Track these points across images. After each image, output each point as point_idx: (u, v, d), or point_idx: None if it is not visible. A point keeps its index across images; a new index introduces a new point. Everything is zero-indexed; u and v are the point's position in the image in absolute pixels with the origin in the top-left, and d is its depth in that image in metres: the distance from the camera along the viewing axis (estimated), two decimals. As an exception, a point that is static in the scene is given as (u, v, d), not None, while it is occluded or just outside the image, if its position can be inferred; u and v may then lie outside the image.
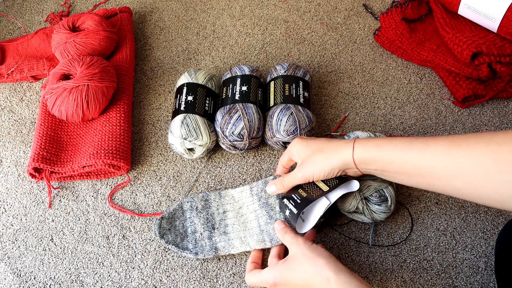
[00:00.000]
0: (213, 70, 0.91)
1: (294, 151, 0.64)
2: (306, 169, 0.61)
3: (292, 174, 0.63)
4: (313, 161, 0.61)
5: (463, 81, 0.81)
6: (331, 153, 0.59)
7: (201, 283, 0.67)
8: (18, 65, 0.89)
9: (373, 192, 0.66)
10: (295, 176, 0.63)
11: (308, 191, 0.63)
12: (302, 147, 0.62)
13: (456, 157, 0.50)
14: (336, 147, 0.59)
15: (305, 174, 0.61)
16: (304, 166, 0.61)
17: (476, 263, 0.67)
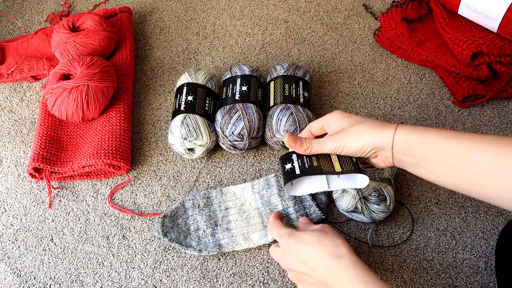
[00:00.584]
0: (213, 70, 0.91)
1: (331, 121, 0.59)
2: (338, 139, 0.57)
3: (322, 141, 0.58)
4: (349, 133, 0.56)
5: (463, 81, 0.81)
6: (370, 129, 0.55)
7: (201, 283, 0.67)
8: (18, 65, 0.89)
9: (372, 192, 0.66)
10: (325, 145, 0.58)
11: (321, 162, 0.60)
12: (342, 118, 0.58)
13: (508, 156, 0.47)
14: (377, 124, 0.56)
15: (336, 144, 0.57)
16: (338, 136, 0.57)
17: (476, 263, 0.67)
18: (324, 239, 0.55)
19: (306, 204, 0.70)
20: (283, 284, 0.66)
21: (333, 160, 0.60)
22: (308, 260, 0.55)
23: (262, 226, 0.69)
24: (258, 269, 0.67)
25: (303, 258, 0.55)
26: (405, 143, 0.54)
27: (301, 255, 0.55)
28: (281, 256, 0.59)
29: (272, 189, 0.72)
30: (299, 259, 0.56)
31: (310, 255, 0.55)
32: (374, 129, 0.55)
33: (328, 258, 0.53)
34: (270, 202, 0.71)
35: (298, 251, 0.56)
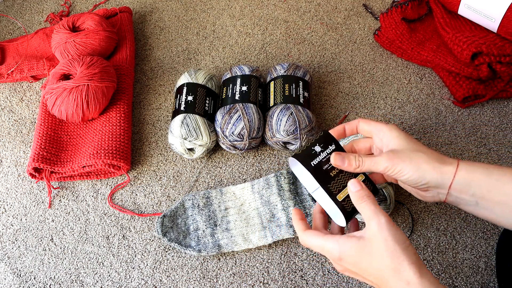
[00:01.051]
0: (213, 70, 0.91)
1: (387, 134, 0.53)
2: (397, 162, 0.51)
3: (376, 160, 0.52)
4: (407, 159, 0.51)
5: (463, 81, 0.81)
6: (431, 163, 0.50)
7: (201, 283, 0.67)
8: (18, 65, 0.89)
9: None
10: (379, 164, 0.52)
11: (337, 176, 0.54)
12: (402, 136, 0.53)
13: None
14: (438, 158, 0.51)
15: (394, 166, 0.51)
16: (394, 157, 0.51)
17: (476, 263, 0.67)
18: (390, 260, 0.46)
19: (306, 204, 0.70)
20: (283, 284, 0.66)
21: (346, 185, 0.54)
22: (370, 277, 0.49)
23: (261, 226, 0.69)
24: (258, 269, 0.67)
25: (365, 275, 0.49)
26: (466, 182, 0.50)
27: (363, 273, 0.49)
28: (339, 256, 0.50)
29: (272, 188, 0.72)
30: (358, 274, 0.50)
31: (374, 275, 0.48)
32: (434, 164, 0.50)
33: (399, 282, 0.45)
34: (269, 202, 0.71)
35: (357, 268, 0.49)
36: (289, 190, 0.71)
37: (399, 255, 0.45)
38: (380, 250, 0.46)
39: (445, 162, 0.50)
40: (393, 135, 0.53)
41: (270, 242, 0.68)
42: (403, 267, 0.45)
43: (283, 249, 0.69)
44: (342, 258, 0.49)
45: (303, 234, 0.52)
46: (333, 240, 0.49)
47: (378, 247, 0.46)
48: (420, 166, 0.50)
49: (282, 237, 0.68)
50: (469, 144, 0.78)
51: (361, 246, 0.47)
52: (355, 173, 0.54)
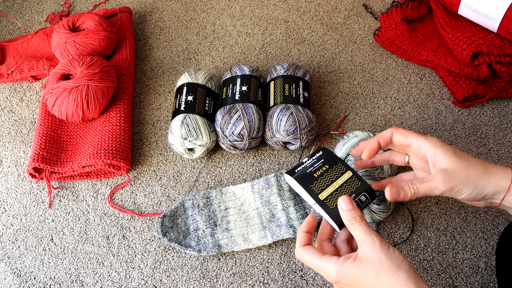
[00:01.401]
0: (213, 70, 0.91)
1: (432, 152, 0.52)
2: (456, 184, 0.50)
3: (432, 185, 0.51)
4: (466, 178, 0.50)
5: (463, 81, 0.81)
6: (486, 174, 0.50)
7: (201, 283, 0.67)
8: (18, 65, 0.89)
9: None
10: (436, 188, 0.51)
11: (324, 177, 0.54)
12: (448, 152, 0.51)
13: None
14: (489, 168, 0.50)
15: (451, 190, 0.50)
16: (453, 178, 0.50)
17: (476, 263, 0.67)
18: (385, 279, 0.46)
19: (306, 204, 0.70)
20: (283, 284, 0.66)
21: (333, 185, 0.54)
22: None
23: (261, 226, 0.69)
24: (258, 269, 0.67)
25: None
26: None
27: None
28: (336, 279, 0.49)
29: (272, 188, 0.72)
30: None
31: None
32: (490, 178, 0.50)
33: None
34: (269, 202, 0.71)
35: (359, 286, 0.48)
36: (289, 190, 0.71)
37: (395, 273, 0.45)
38: (375, 270, 0.46)
39: (500, 175, 0.50)
40: (442, 152, 0.51)
41: (270, 242, 0.68)
42: (399, 284, 0.45)
43: (283, 249, 0.69)
44: (339, 280, 0.49)
45: (301, 250, 0.52)
46: (331, 263, 0.49)
47: (373, 267, 0.46)
48: (478, 183, 0.50)
49: (282, 237, 0.68)
50: (469, 144, 0.78)
51: (356, 268, 0.47)
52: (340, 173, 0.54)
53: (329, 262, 0.49)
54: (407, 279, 0.45)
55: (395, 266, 0.46)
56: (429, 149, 0.52)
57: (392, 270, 0.46)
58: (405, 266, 0.46)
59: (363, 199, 0.54)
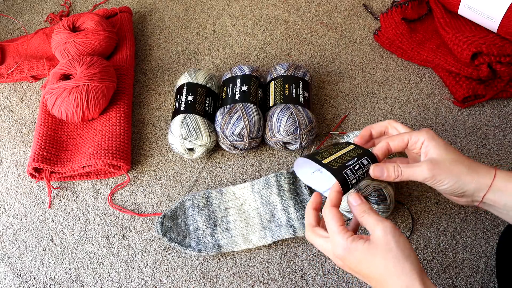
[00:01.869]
0: (213, 70, 0.91)
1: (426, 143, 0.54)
2: (439, 173, 0.52)
3: (416, 169, 0.53)
4: (448, 170, 0.52)
5: (463, 81, 0.81)
6: (470, 173, 0.52)
7: (201, 283, 0.67)
8: (18, 65, 0.89)
9: (372, 192, 0.66)
10: (420, 174, 0.53)
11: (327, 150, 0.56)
12: (439, 145, 0.53)
13: None
14: (475, 167, 0.52)
15: (435, 177, 0.52)
16: (437, 167, 0.52)
17: (476, 263, 0.67)
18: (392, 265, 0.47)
19: (306, 204, 0.70)
20: (283, 284, 0.66)
21: (335, 154, 0.55)
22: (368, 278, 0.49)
23: (261, 226, 0.69)
24: (258, 269, 0.67)
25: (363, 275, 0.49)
26: (500, 192, 0.51)
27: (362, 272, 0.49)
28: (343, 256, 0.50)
29: (272, 188, 0.72)
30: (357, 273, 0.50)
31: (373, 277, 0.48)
32: (473, 175, 0.52)
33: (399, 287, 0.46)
34: (269, 202, 0.71)
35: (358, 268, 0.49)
36: (289, 190, 0.71)
37: (401, 262, 0.46)
38: (383, 254, 0.47)
39: (483, 173, 0.52)
40: (432, 144, 0.53)
41: (270, 242, 0.68)
42: (404, 273, 0.45)
43: (283, 249, 0.69)
44: (345, 257, 0.49)
45: (308, 229, 0.53)
46: (342, 236, 0.49)
47: (382, 251, 0.47)
48: (459, 177, 0.52)
49: (282, 237, 0.68)
50: (469, 144, 0.78)
51: (365, 249, 0.48)
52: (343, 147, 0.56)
53: (343, 235, 0.49)
54: (412, 271, 0.45)
55: (404, 255, 0.46)
56: (424, 141, 0.54)
57: (399, 258, 0.46)
58: (412, 258, 0.46)
59: (365, 163, 0.55)
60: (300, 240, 0.69)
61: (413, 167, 0.53)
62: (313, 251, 0.69)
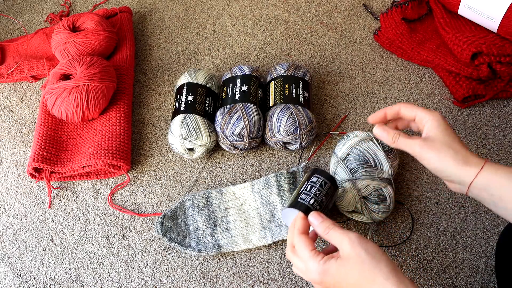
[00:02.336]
0: (213, 70, 0.91)
1: (430, 122, 0.56)
2: (426, 151, 0.54)
3: (409, 142, 0.56)
4: (436, 149, 0.54)
5: (463, 81, 0.81)
6: (456, 160, 0.53)
7: (201, 283, 0.67)
8: (18, 65, 0.89)
9: (372, 192, 0.66)
10: (411, 147, 0.55)
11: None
12: (440, 126, 0.55)
13: None
14: (465, 156, 0.53)
15: (422, 154, 0.54)
16: (427, 146, 0.54)
17: (476, 263, 0.67)
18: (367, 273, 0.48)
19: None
20: (283, 284, 0.66)
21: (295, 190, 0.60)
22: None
23: (261, 226, 0.69)
24: (258, 269, 0.68)
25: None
26: (487, 183, 0.52)
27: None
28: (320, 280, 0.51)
29: (272, 188, 0.72)
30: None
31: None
32: (458, 163, 0.53)
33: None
34: (269, 202, 0.71)
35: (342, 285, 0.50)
36: (289, 190, 0.71)
37: (375, 267, 0.47)
38: (356, 265, 0.48)
39: (470, 163, 0.53)
40: (433, 124, 0.56)
41: (270, 242, 0.68)
42: (378, 277, 0.47)
43: (283, 249, 0.69)
44: (322, 280, 0.50)
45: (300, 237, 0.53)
46: (316, 261, 0.51)
47: (354, 263, 0.48)
48: (445, 160, 0.53)
49: (282, 238, 0.68)
50: (469, 144, 0.78)
51: (339, 266, 0.49)
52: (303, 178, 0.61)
53: (315, 260, 0.51)
54: (388, 273, 0.47)
55: (375, 260, 0.48)
56: (428, 120, 0.56)
57: (372, 264, 0.47)
58: (385, 260, 0.48)
59: (315, 180, 0.59)
60: (300, 240, 0.69)
61: (409, 139, 0.56)
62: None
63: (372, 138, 0.71)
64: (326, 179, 0.60)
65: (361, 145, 0.70)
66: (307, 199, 0.58)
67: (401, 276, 0.47)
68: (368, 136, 0.70)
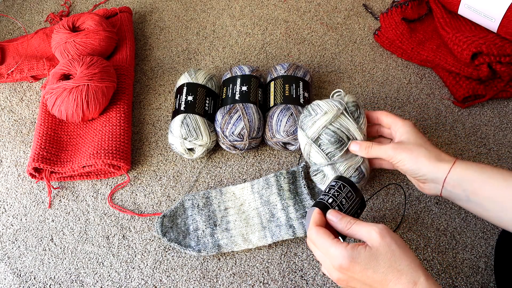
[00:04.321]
0: (213, 70, 0.91)
1: (401, 129, 0.60)
2: (400, 152, 0.58)
3: (382, 148, 0.60)
4: (408, 150, 0.58)
5: (463, 81, 0.81)
6: (428, 158, 0.56)
7: (201, 283, 0.67)
8: (18, 65, 0.89)
9: (353, 172, 0.65)
10: (384, 151, 0.59)
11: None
12: (411, 131, 0.60)
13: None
14: (436, 155, 0.57)
15: (396, 156, 0.58)
16: (400, 148, 0.58)
17: (476, 263, 0.67)
18: (397, 263, 0.48)
19: (305, 203, 0.70)
20: (283, 284, 0.66)
21: None
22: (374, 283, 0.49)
23: (261, 226, 0.69)
24: (258, 269, 0.68)
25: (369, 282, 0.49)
26: (460, 178, 0.54)
27: (367, 280, 0.49)
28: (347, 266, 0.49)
29: (272, 188, 0.72)
30: (362, 282, 0.50)
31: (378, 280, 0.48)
32: (431, 160, 0.56)
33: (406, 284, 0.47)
34: (269, 202, 0.71)
35: (363, 276, 0.49)
36: (289, 190, 0.71)
37: (404, 258, 0.48)
38: (387, 255, 0.48)
39: (443, 160, 0.56)
40: (405, 130, 0.60)
41: (270, 243, 0.68)
42: (409, 268, 0.47)
43: (283, 249, 0.69)
44: (350, 267, 0.49)
45: (314, 230, 0.52)
46: (342, 247, 0.49)
47: (385, 253, 0.48)
48: (418, 159, 0.57)
49: (282, 238, 0.68)
50: (469, 144, 0.78)
51: (369, 254, 0.48)
52: None
53: (340, 246, 0.49)
54: (416, 265, 0.48)
55: (404, 251, 0.48)
56: (400, 127, 0.61)
57: (401, 255, 0.48)
58: (411, 253, 0.49)
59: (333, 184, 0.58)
60: (300, 240, 0.69)
61: (381, 145, 0.60)
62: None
63: (343, 111, 0.64)
64: (345, 183, 0.57)
65: (333, 124, 0.64)
66: (325, 198, 0.56)
67: (426, 271, 0.48)
68: (338, 110, 0.64)
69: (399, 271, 0.47)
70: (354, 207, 0.57)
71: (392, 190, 0.73)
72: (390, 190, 0.73)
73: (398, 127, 0.61)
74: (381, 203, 0.72)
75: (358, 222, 0.51)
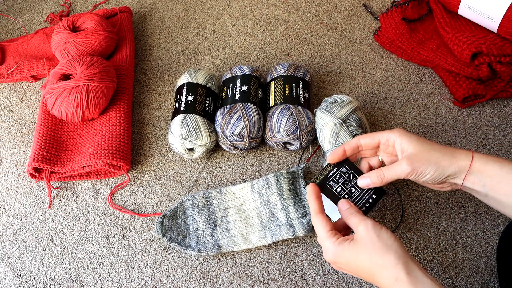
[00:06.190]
0: (213, 70, 0.91)
1: (399, 141, 0.56)
2: (418, 166, 0.54)
3: (397, 169, 0.55)
4: (426, 161, 0.54)
5: (463, 81, 0.81)
6: (447, 157, 0.54)
7: (201, 283, 0.67)
8: (18, 65, 0.89)
9: (353, 123, 0.71)
10: (401, 171, 0.55)
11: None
12: (412, 139, 0.56)
13: None
14: (451, 152, 0.54)
15: (415, 170, 0.54)
16: (415, 161, 0.54)
17: (476, 263, 0.67)
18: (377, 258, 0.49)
19: (305, 203, 0.70)
20: (283, 284, 0.66)
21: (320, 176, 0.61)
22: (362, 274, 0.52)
23: (261, 226, 0.69)
24: (258, 269, 0.68)
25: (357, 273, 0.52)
26: (479, 173, 0.53)
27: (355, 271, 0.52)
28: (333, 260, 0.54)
29: (272, 188, 0.72)
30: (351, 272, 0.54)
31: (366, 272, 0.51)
32: (451, 159, 0.54)
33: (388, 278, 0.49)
34: (269, 202, 0.71)
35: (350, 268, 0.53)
36: (289, 189, 0.71)
37: (385, 253, 0.49)
38: (368, 249, 0.50)
39: (461, 156, 0.54)
40: (405, 140, 0.56)
41: (269, 242, 0.68)
42: (390, 264, 0.48)
43: (283, 249, 0.69)
44: (336, 260, 0.53)
45: (317, 217, 0.55)
46: (331, 242, 0.53)
47: (365, 246, 0.50)
48: (438, 164, 0.54)
49: (282, 238, 0.68)
50: (469, 144, 0.78)
51: (351, 248, 0.51)
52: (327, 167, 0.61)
53: (330, 240, 0.53)
54: (397, 259, 0.48)
55: (386, 246, 0.49)
56: (396, 139, 0.57)
57: (383, 250, 0.49)
58: (396, 246, 0.49)
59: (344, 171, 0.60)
60: (300, 240, 0.69)
61: (394, 166, 0.56)
62: (313, 251, 0.69)
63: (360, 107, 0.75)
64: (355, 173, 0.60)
65: (357, 112, 0.73)
66: (334, 187, 0.59)
67: (412, 264, 0.48)
68: (356, 102, 0.75)
69: (381, 265, 0.49)
70: (365, 195, 0.60)
71: (392, 190, 0.73)
72: (390, 190, 0.73)
73: (393, 139, 0.57)
74: (381, 203, 0.72)
75: (355, 214, 0.54)
